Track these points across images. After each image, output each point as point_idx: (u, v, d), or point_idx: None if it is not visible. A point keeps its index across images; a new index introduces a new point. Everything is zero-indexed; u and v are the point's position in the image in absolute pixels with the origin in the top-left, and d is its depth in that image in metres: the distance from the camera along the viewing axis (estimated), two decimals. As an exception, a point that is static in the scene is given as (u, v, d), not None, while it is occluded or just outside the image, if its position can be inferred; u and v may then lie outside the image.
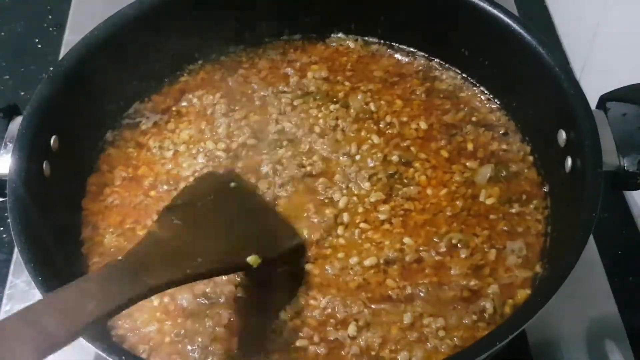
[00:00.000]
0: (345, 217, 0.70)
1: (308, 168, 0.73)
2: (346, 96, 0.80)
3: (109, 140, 0.78)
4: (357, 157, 0.74)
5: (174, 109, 0.80)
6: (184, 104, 0.81)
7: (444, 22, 0.80)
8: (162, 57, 0.81)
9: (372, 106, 0.79)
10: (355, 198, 0.71)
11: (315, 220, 0.69)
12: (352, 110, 0.79)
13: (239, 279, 0.66)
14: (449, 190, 0.72)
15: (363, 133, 0.77)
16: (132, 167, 0.76)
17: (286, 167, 0.74)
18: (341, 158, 0.74)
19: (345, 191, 0.72)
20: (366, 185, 0.72)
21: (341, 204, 0.71)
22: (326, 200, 0.71)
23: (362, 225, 0.69)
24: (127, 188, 0.74)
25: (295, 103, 0.80)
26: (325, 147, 0.75)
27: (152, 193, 0.73)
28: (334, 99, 0.80)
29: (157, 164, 0.75)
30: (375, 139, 0.76)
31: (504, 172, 0.73)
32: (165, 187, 0.73)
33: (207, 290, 0.65)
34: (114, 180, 0.74)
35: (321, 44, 0.86)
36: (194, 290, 0.65)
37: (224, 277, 0.66)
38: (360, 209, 0.70)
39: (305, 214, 0.70)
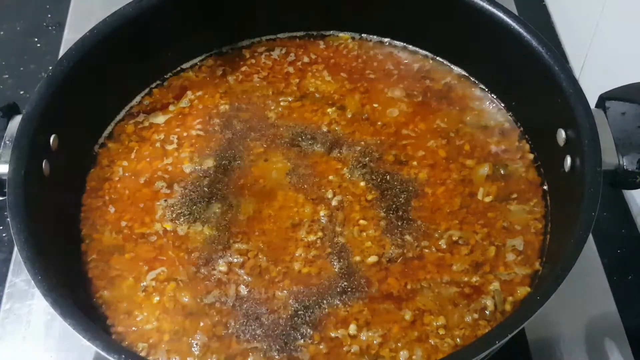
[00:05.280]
0: (340, 215, 0.70)
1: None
2: (343, 98, 0.80)
3: (110, 135, 0.78)
4: (350, 158, 0.75)
5: (175, 105, 0.80)
6: (185, 103, 0.81)
7: (444, 22, 0.80)
8: (162, 54, 0.82)
9: (367, 107, 0.79)
10: (349, 196, 0.71)
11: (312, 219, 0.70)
12: (348, 112, 0.79)
13: (242, 279, 0.66)
14: (446, 188, 0.72)
15: (357, 134, 0.77)
16: (131, 161, 0.76)
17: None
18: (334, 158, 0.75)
19: (338, 189, 0.72)
20: (362, 184, 0.72)
21: (334, 202, 0.71)
22: (320, 199, 0.71)
23: (361, 222, 0.69)
24: (126, 183, 0.74)
25: (293, 105, 0.80)
26: (316, 149, 0.75)
27: (150, 189, 0.73)
28: (331, 102, 0.80)
29: (157, 159, 0.76)
30: (371, 139, 0.76)
31: (503, 171, 0.74)
32: (162, 183, 0.73)
33: (209, 290, 0.65)
34: (113, 176, 0.74)
35: (322, 43, 0.86)
36: (195, 290, 0.65)
37: (225, 277, 0.66)
38: (357, 207, 0.71)
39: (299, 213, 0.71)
